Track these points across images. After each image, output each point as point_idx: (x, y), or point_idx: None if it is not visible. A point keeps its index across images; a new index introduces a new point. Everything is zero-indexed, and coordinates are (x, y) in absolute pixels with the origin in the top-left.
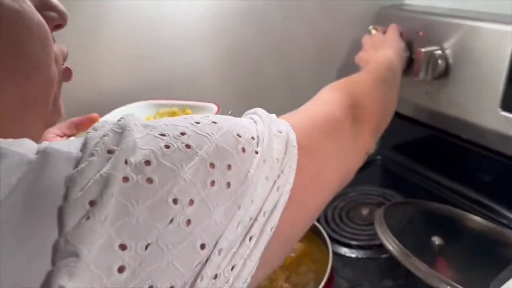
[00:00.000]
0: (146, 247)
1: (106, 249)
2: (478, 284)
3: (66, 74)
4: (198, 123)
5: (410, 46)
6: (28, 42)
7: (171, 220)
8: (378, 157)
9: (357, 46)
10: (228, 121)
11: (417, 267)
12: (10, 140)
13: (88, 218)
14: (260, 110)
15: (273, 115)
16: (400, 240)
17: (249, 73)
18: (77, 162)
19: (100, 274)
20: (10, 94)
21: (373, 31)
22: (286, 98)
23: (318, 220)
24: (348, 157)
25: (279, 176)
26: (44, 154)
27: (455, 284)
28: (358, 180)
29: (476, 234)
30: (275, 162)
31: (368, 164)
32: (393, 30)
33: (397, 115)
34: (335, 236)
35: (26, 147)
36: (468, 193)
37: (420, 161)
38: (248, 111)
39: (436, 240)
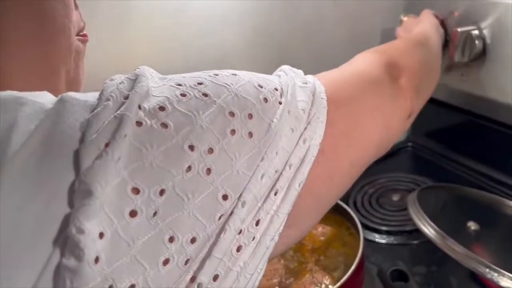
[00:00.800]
0: (161, 193)
1: (119, 192)
2: None
3: (82, 39)
4: (216, 75)
5: (445, 27)
6: (53, 3)
7: (189, 168)
8: (409, 144)
9: (386, 27)
10: (249, 74)
11: (454, 249)
12: (30, 92)
13: (101, 156)
14: (285, 66)
15: (300, 71)
16: (434, 224)
17: (278, 55)
18: (93, 109)
19: (112, 217)
20: (37, 57)
21: (405, 19)
22: None
23: (347, 205)
24: (387, 113)
25: (305, 128)
26: (61, 102)
27: (494, 266)
28: (389, 166)
29: None
30: (301, 113)
31: (398, 151)
32: (426, 12)
33: (429, 99)
34: (364, 221)
35: (46, 98)
36: (506, 180)
37: (453, 147)
38: (275, 71)
39: (472, 226)
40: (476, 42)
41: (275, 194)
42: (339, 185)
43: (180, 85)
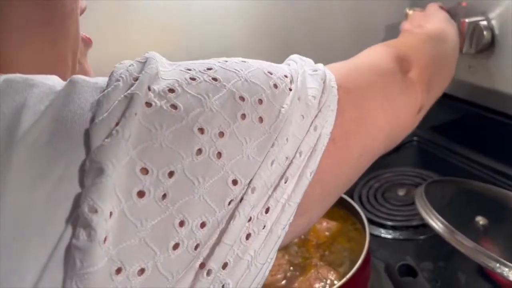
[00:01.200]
0: (170, 175)
1: (128, 171)
2: None
3: (87, 41)
4: (226, 61)
5: (452, 18)
6: None
7: (200, 151)
8: (415, 138)
9: (391, 22)
10: (258, 61)
11: (463, 243)
12: (40, 75)
13: (112, 135)
14: (294, 56)
15: (309, 59)
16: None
17: (281, 49)
18: (103, 90)
19: (120, 196)
20: (45, 45)
21: (410, 12)
22: None
23: (352, 200)
24: (397, 105)
25: (316, 115)
26: (71, 83)
27: (504, 261)
28: (394, 161)
29: None
30: (312, 100)
31: (404, 145)
32: (432, 6)
33: None
34: (370, 216)
35: (55, 80)
36: None
37: (460, 140)
38: (285, 61)
39: (480, 220)
40: (484, 33)
41: (285, 182)
42: (348, 175)
43: (189, 69)
